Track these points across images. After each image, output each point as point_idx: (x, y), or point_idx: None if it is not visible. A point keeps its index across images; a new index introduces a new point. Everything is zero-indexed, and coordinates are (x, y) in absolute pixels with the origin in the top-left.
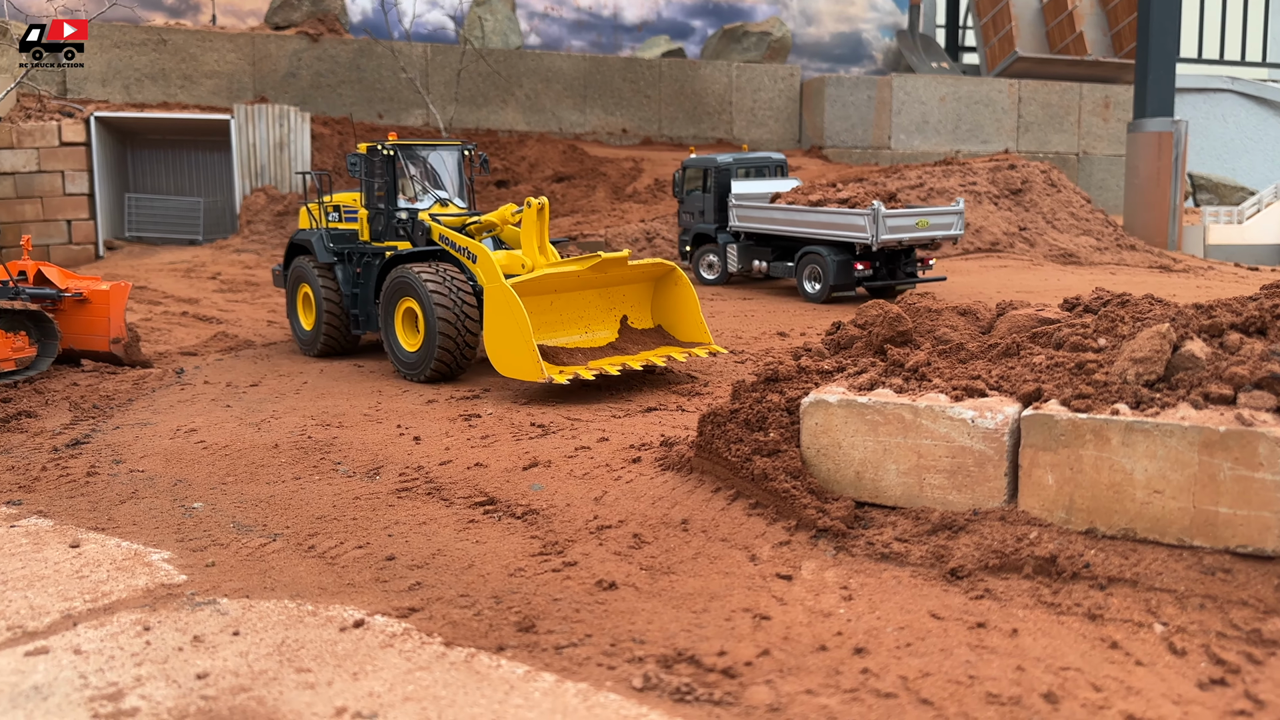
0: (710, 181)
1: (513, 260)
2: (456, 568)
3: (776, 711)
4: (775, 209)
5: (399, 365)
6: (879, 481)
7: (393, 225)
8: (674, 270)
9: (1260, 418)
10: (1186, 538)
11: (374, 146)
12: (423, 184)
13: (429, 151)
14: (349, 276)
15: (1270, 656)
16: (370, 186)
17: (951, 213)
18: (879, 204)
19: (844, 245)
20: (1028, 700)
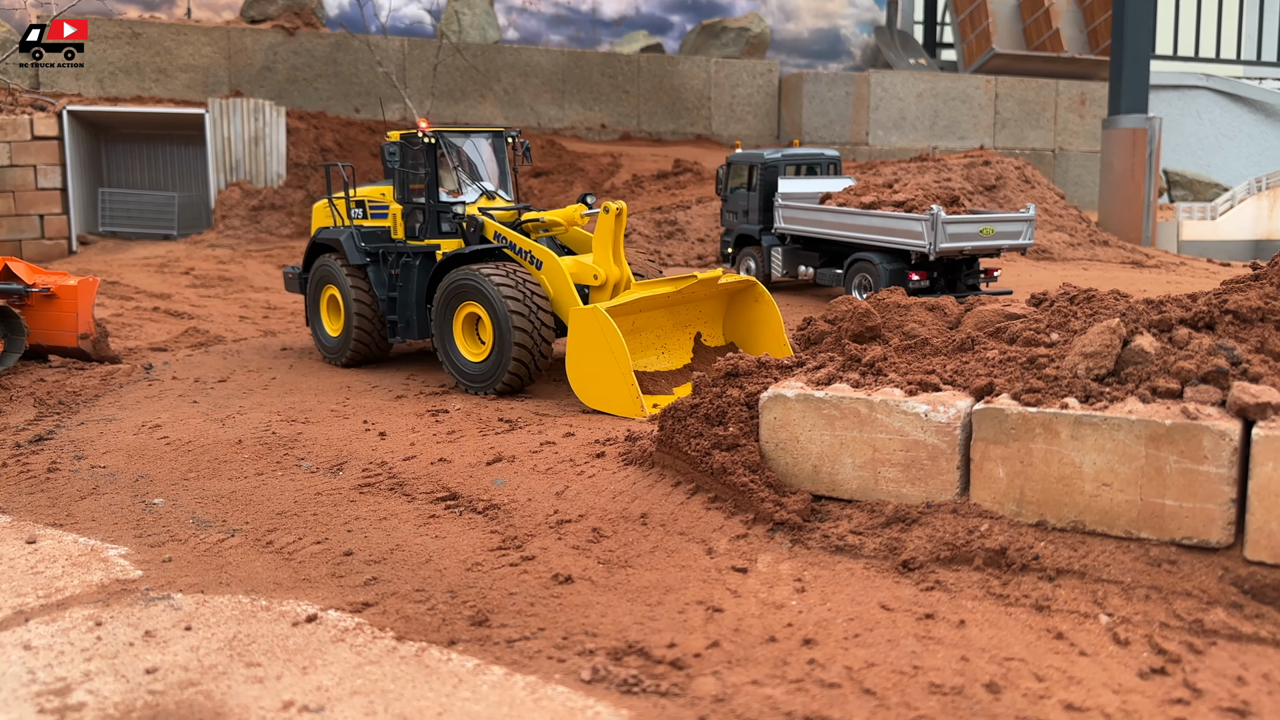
0: (756, 179)
1: (582, 269)
2: (414, 563)
3: (721, 702)
4: (824, 211)
5: (460, 378)
6: (835, 475)
7: (435, 221)
8: (755, 286)
9: (1205, 411)
10: (1134, 530)
11: (411, 134)
12: (466, 175)
13: (471, 139)
14: (383, 279)
15: (1211, 646)
16: (405, 179)
17: (1021, 220)
18: (938, 209)
19: (898, 253)
20: (970, 690)
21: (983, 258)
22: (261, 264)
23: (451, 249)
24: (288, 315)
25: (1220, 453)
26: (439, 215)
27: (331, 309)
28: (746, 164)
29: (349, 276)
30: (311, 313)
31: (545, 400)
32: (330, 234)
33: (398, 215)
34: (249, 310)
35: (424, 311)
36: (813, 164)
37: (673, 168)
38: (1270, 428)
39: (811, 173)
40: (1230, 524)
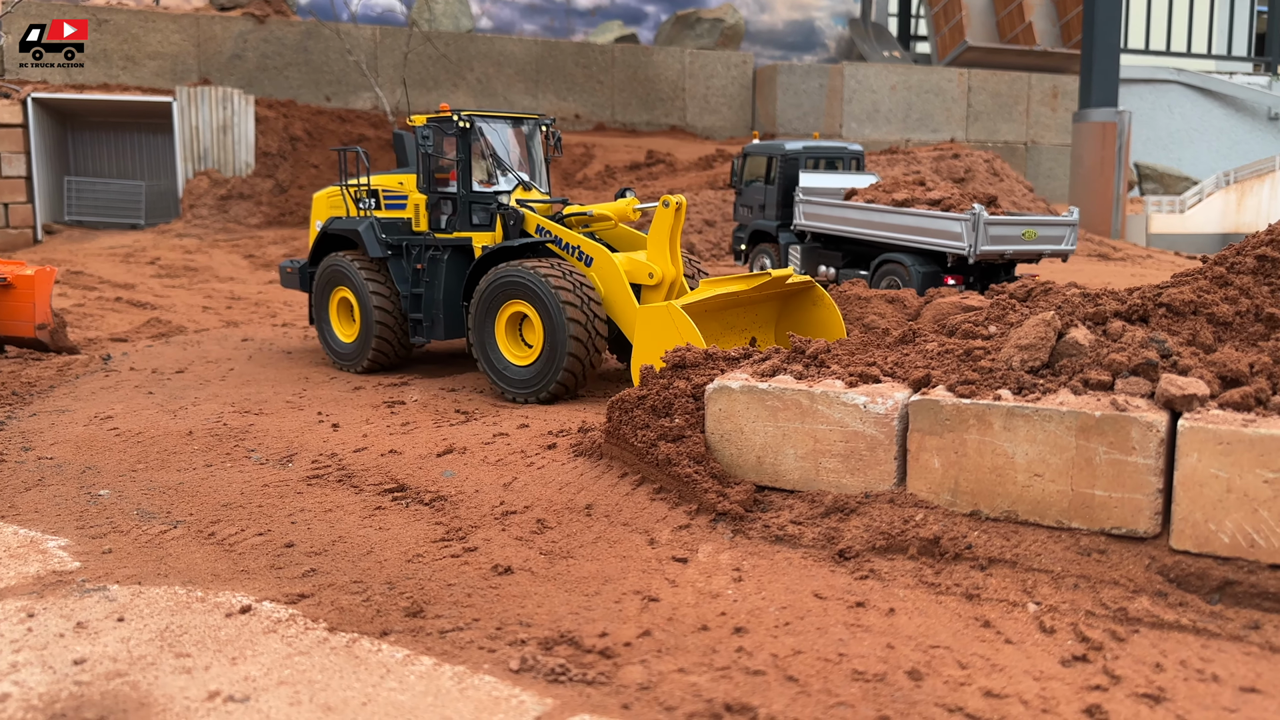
0: (774, 172)
1: (636, 266)
2: (355, 554)
3: (646, 690)
4: (851, 207)
5: (501, 383)
6: (778, 466)
7: (466, 212)
8: (815, 288)
9: (1135, 403)
10: (1065, 519)
11: (445, 117)
12: (501, 163)
13: (506, 125)
14: (405, 274)
15: (1133, 634)
16: (429, 166)
17: (1064, 224)
18: (980, 208)
19: (933, 254)
20: (892, 677)
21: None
22: (228, 254)
23: (485, 242)
24: (251, 305)
25: (1148, 444)
26: (471, 206)
27: (343, 312)
28: (764, 155)
29: (365, 273)
30: (319, 316)
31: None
32: (344, 225)
33: (420, 205)
34: (212, 301)
35: (453, 310)
36: (835, 157)
37: (645, 159)
38: (1195, 419)
39: (832, 167)
40: (1157, 514)
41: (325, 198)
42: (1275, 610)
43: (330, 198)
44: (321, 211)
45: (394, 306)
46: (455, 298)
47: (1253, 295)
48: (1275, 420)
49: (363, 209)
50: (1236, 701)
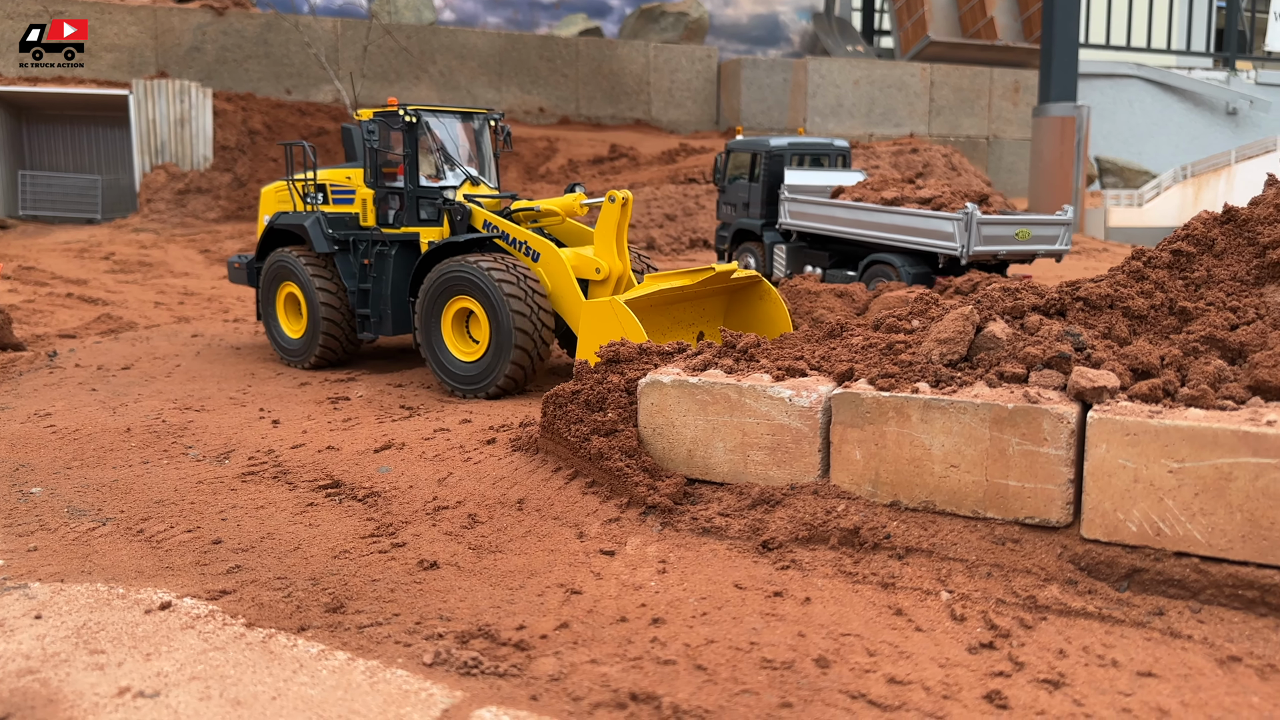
0: (759, 169)
1: (583, 261)
2: (282, 550)
3: (556, 681)
4: (838, 206)
5: (450, 381)
6: (708, 459)
7: (414, 207)
8: (761, 282)
9: (1047, 395)
10: (980, 509)
11: (390, 112)
12: (448, 158)
13: (454, 120)
14: (352, 269)
15: (1041, 621)
16: (376, 161)
17: (1058, 223)
18: (973, 207)
19: (923, 255)
20: (800, 665)
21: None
22: (184, 249)
23: (433, 238)
24: (203, 301)
25: (1059, 435)
26: (418, 201)
27: (290, 307)
28: (748, 152)
29: (311, 268)
30: (266, 311)
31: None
32: (290, 219)
33: (368, 200)
34: (165, 296)
35: (401, 305)
36: (820, 154)
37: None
38: (1104, 411)
39: (817, 164)
40: (1069, 503)
41: (273, 192)
42: (1180, 596)
43: (278, 192)
44: (269, 206)
45: (341, 302)
46: (403, 293)
47: (1167, 289)
48: (1182, 411)
49: (309, 204)
50: (1133, 685)
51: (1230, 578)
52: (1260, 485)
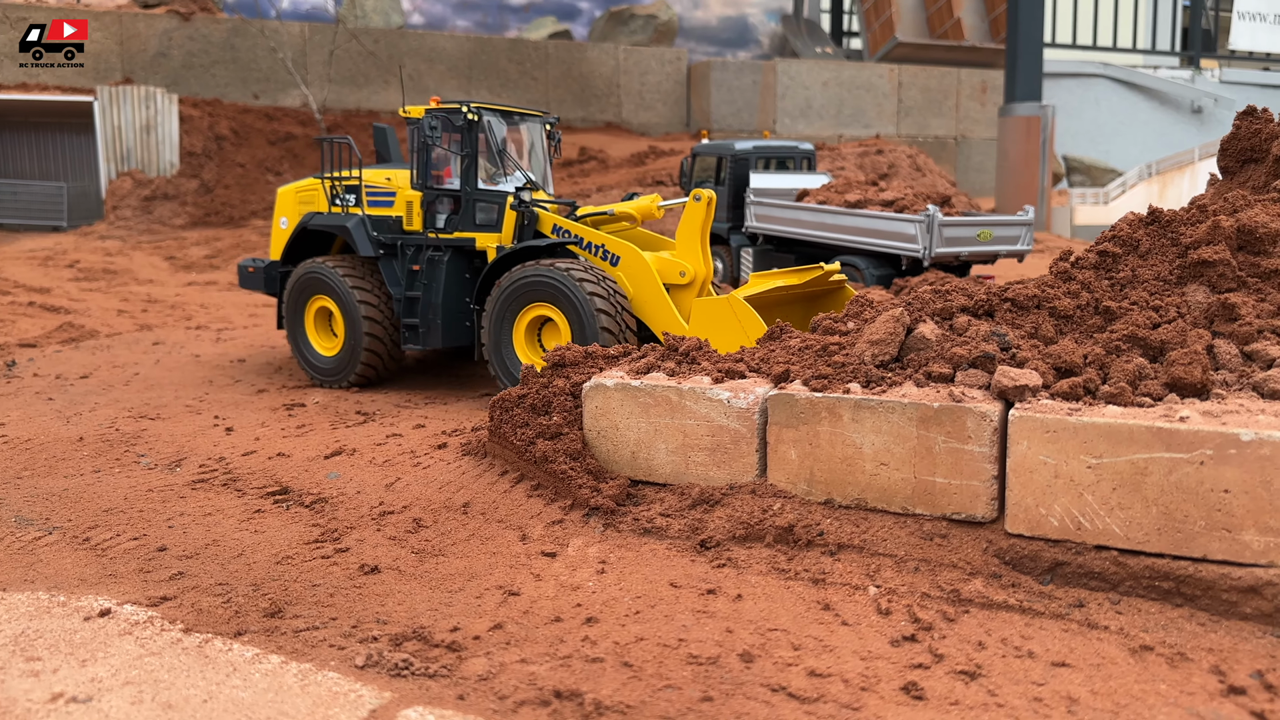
0: (725, 173)
1: (666, 265)
2: (226, 557)
3: (484, 680)
4: (803, 209)
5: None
6: (651, 460)
7: (470, 211)
8: (844, 287)
9: (971, 394)
10: (910, 506)
11: (452, 109)
12: (509, 160)
13: (512, 121)
14: (397, 276)
15: (963, 615)
16: (426, 161)
17: (1019, 223)
18: (935, 209)
19: (887, 257)
20: (725, 660)
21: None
22: (149, 255)
23: (490, 243)
24: (166, 309)
25: (982, 433)
26: (475, 204)
27: (321, 322)
28: (714, 156)
29: (350, 278)
30: (293, 329)
31: (411, 391)
32: (327, 220)
33: (414, 203)
34: (128, 304)
35: (453, 314)
36: (785, 157)
37: (578, 155)
38: (1025, 409)
39: (783, 166)
40: (994, 499)
41: (294, 192)
42: (1100, 589)
43: (300, 192)
44: (288, 208)
45: (385, 312)
46: (455, 301)
47: (1093, 289)
48: (1100, 409)
49: (340, 204)
50: (1046, 676)
51: (1147, 569)
52: (1174, 480)
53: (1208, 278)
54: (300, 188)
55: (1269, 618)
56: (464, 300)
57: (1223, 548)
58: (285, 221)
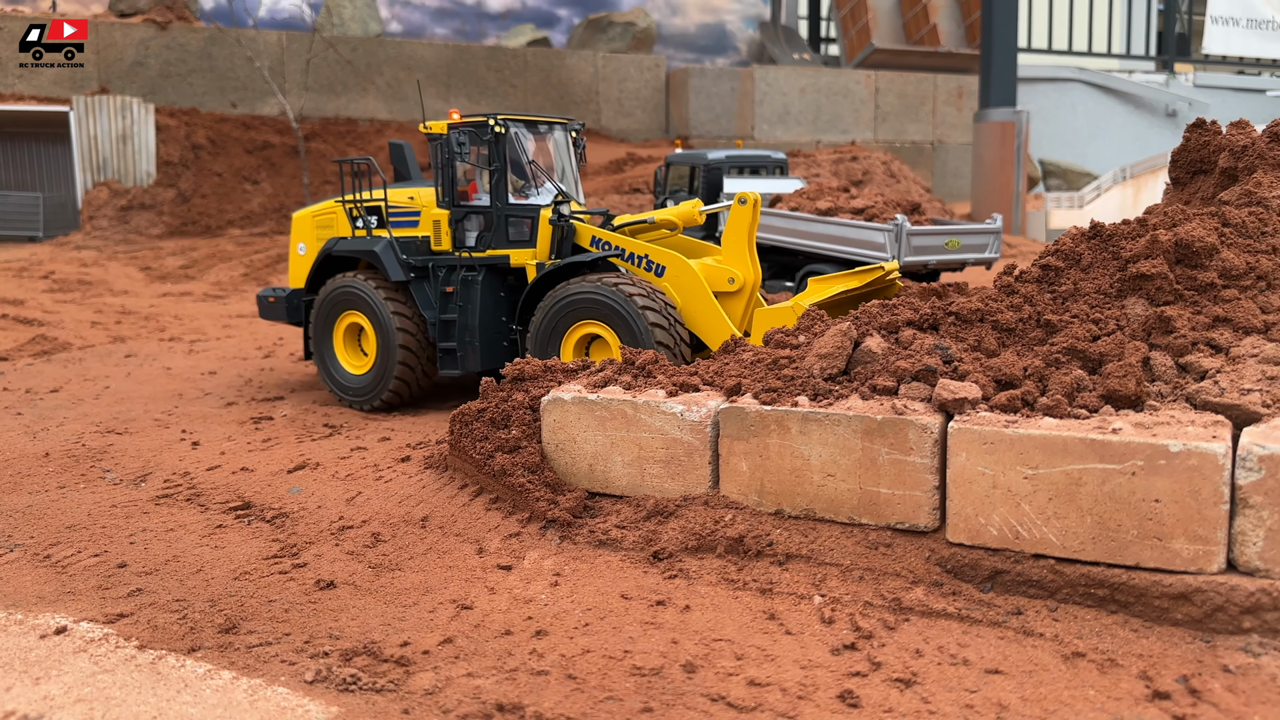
0: (698, 181)
1: (713, 272)
2: (185, 573)
3: (430, 695)
4: (774, 215)
5: None
6: (608, 473)
7: (503, 227)
8: (895, 285)
9: (913, 407)
10: (856, 516)
11: (480, 122)
12: (539, 172)
13: (540, 130)
14: (429, 299)
15: (904, 623)
16: (451, 178)
17: (987, 231)
18: (903, 219)
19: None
20: (668, 671)
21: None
22: (125, 266)
23: (525, 260)
24: (140, 320)
25: (924, 444)
26: (507, 220)
27: (350, 341)
28: (687, 165)
29: (387, 298)
30: (321, 346)
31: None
32: (353, 246)
33: (442, 222)
34: (102, 315)
35: (491, 336)
36: (758, 165)
37: None
38: (964, 421)
39: (756, 175)
40: (935, 509)
41: (310, 217)
42: (1039, 596)
43: (317, 217)
44: (305, 234)
45: (419, 334)
46: (492, 322)
47: (1035, 303)
48: (1037, 420)
49: (361, 227)
50: (979, 683)
51: (1083, 577)
52: (1107, 490)
53: (1146, 291)
54: (317, 212)
55: (1199, 623)
56: (500, 320)
57: (1154, 556)
58: (303, 248)
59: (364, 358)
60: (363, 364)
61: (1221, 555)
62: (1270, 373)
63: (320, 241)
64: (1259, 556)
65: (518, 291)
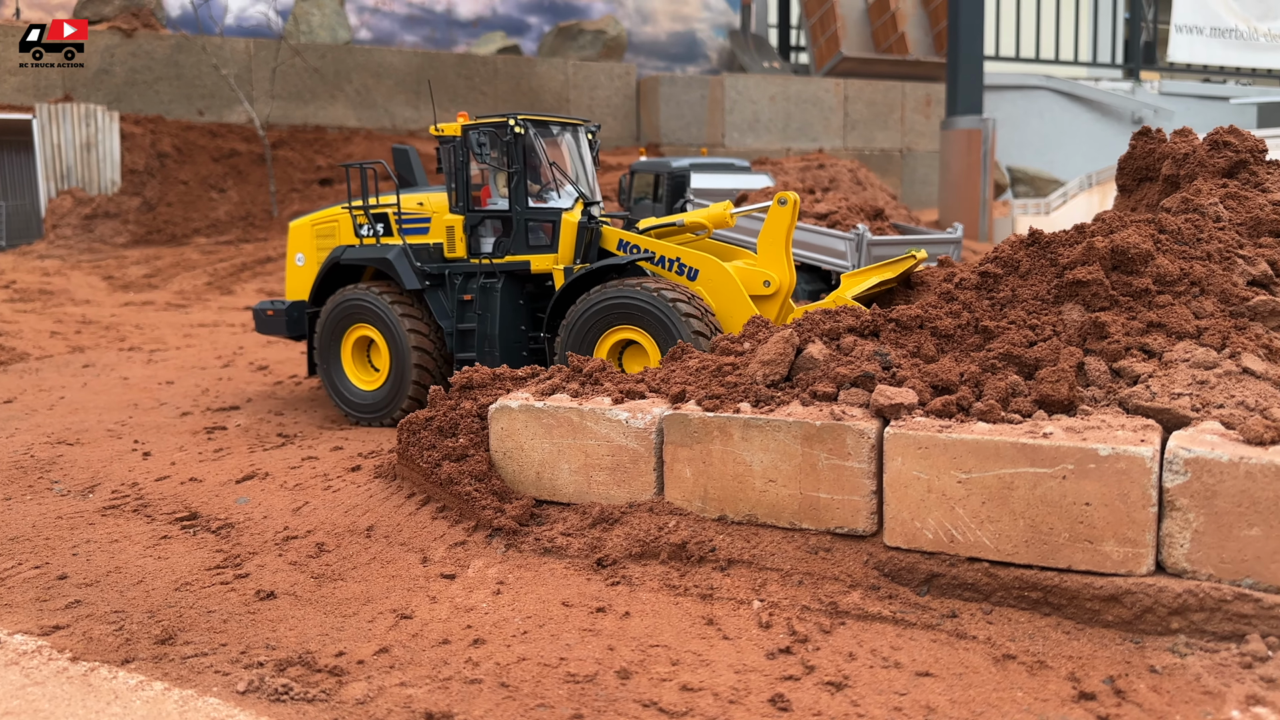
0: (662, 189)
1: (748, 275)
2: (126, 584)
3: (361, 704)
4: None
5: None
6: (555, 480)
7: (523, 232)
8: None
9: (852, 412)
10: (797, 521)
11: (499, 123)
12: (559, 175)
13: (559, 131)
14: (448, 308)
15: (839, 626)
16: (466, 182)
17: (948, 241)
18: (864, 228)
19: (820, 271)
20: (602, 677)
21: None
22: (87, 275)
23: (545, 266)
24: (101, 330)
25: (861, 449)
26: (527, 225)
27: (360, 354)
28: (652, 173)
29: (401, 308)
30: (327, 360)
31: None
32: (362, 254)
33: (456, 228)
34: (62, 325)
35: (512, 346)
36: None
37: None
38: (900, 426)
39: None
40: (873, 513)
41: (309, 226)
42: (974, 599)
43: (316, 225)
44: (303, 243)
45: (435, 345)
46: (512, 331)
47: (974, 309)
48: (970, 425)
49: (370, 235)
50: (909, 685)
51: (1017, 580)
52: (1039, 493)
53: (1082, 297)
54: (316, 220)
55: (1129, 625)
56: (519, 329)
57: (1085, 558)
58: (302, 258)
59: (375, 373)
60: (374, 379)
61: (1150, 557)
62: (1201, 377)
63: (321, 251)
64: (1186, 558)
65: (537, 299)
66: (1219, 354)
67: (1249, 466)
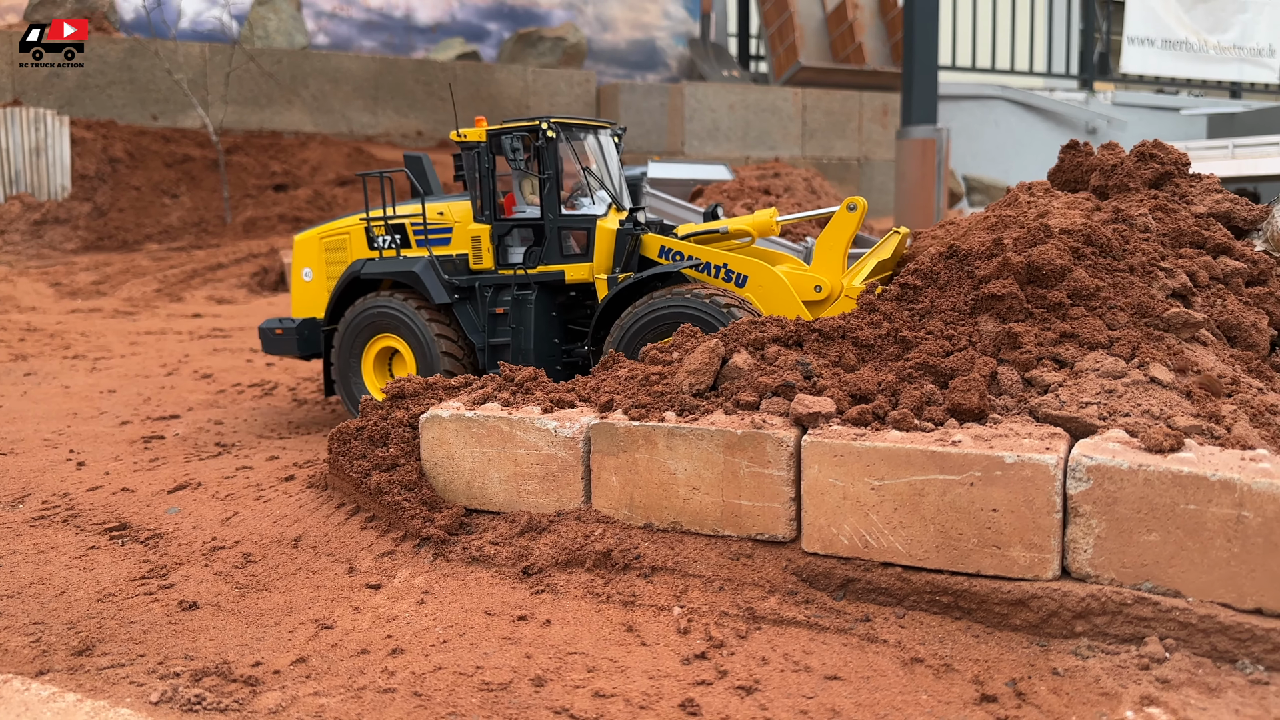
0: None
1: (799, 280)
2: (47, 595)
3: (274, 714)
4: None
5: None
6: (485, 489)
7: (557, 240)
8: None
9: (772, 421)
10: (720, 528)
11: (530, 126)
12: (593, 180)
13: (589, 134)
14: (478, 322)
15: (755, 631)
16: (491, 189)
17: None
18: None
19: None
20: (516, 685)
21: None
22: (35, 282)
23: (580, 275)
24: (45, 337)
25: (780, 458)
26: (560, 233)
27: (381, 366)
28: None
29: (430, 320)
30: (346, 374)
31: (279, 416)
32: (386, 267)
33: (482, 238)
34: (5, 333)
35: (547, 359)
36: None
37: None
38: (817, 435)
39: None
40: (792, 520)
41: (316, 239)
42: (888, 604)
43: (325, 238)
44: (310, 258)
45: (467, 361)
46: (547, 344)
47: (894, 320)
48: (884, 433)
49: (389, 247)
50: (818, 689)
51: (928, 585)
52: (948, 500)
53: (997, 310)
54: (324, 233)
55: (1035, 628)
56: (553, 342)
57: (993, 563)
58: (309, 273)
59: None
60: None
61: (1056, 562)
62: (1109, 386)
63: (330, 265)
64: (1089, 563)
65: (570, 310)
66: (1128, 364)
67: (1147, 473)
